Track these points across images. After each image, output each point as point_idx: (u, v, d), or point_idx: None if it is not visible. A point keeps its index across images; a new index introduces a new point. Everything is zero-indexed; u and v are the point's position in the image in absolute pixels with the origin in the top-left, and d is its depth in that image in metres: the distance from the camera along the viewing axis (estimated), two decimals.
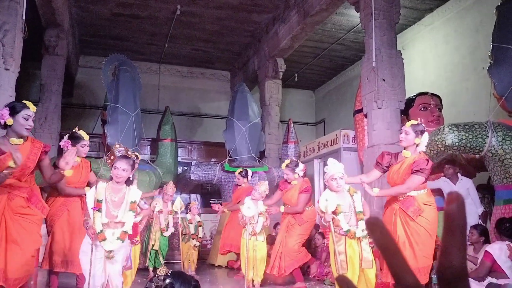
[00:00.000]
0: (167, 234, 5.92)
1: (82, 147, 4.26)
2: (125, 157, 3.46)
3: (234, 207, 6.44)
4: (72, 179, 4.19)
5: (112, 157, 3.46)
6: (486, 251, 4.13)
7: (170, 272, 1.56)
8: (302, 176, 5.14)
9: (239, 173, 6.61)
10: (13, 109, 3.15)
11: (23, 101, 3.25)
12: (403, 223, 3.82)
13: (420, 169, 3.74)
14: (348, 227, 3.60)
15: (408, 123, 3.94)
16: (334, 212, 3.60)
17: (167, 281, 1.53)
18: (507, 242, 4.11)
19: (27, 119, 3.19)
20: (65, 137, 4.17)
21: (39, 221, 3.38)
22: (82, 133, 4.35)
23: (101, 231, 3.24)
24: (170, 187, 6.01)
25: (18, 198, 3.22)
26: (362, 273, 3.64)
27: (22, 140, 3.22)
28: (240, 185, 6.63)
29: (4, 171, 3.03)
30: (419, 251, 3.75)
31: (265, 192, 5.16)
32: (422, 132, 3.91)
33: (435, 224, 3.88)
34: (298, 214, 5.03)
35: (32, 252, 3.27)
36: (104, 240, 3.24)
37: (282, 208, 5.20)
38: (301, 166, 5.13)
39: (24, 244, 3.19)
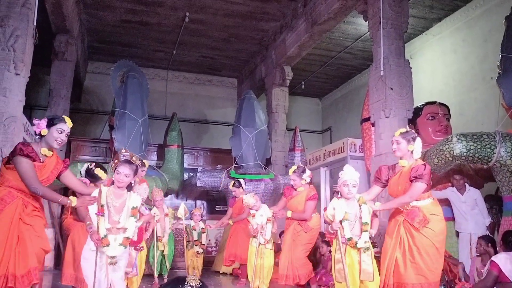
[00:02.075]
0: (164, 239, 5.88)
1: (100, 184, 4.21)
2: (128, 162, 3.44)
3: (239, 218, 6.41)
4: None
5: (116, 161, 3.46)
6: (492, 261, 4.09)
7: (201, 283, 1.47)
8: (308, 183, 5.12)
9: (232, 185, 6.60)
10: (50, 121, 3.28)
11: (63, 116, 3.37)
12: (407, 236, 3.67)
13: (419, 175, 3.60)
14: (350, 235, 3.55)
15: (397, 132, 3.82)
16: (341, 221, 3.57)
17: None
18: None
19: (60, 133, 3.28)
20: (82, 171, 4.16)
21: (44, 225, 3.43)
22: (99, 172, 4.10)
23: (105, 236, 3.24)
24: (157, 192, 5.97)
25: (31, 205, 3.29)
26: (362, 285, 3.58)
27: (51, 152, 3.33)
28: (238, 197, 6.58)
29: (67, 200, 3.25)
30: (425, 265, 3.59)
31: (256, 201, 5.12)
32: (414, 138, 3.78)
33: (442, 236, 3.69)
34: (304, 222, 5.00)
35: (39, 251, 3.29)
36: (108, 245, 3.24)
37: (289, 213, 5.15)
38: (308, 172, 5.13)
39: (36, 245, 3.25)
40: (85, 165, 4.23)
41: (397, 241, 3.72)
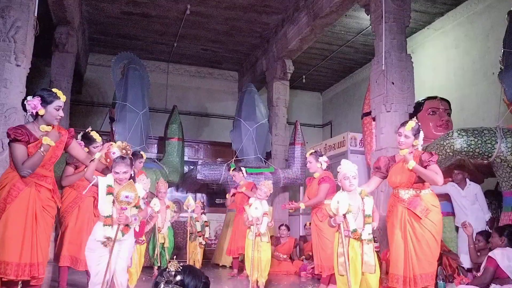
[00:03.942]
0: (164, 231, 5.92)
1: (94, 148, 4.24)
2: (121, 158, 3.41)
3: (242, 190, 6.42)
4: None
5: (108, 160, 3.44)
6: (488, 257, 4.10)
7: (181, 267, 1.55)
8: (324, 170, 5.08)
9: (233, 170, 6.56)
10: (45, 100, 3.21)
11: (54, 90, 3.30)
12: (408, 228, 3.73)
13: (431, 159, 3.70)
14: (355, 226, 3.56)
15: (408, 126, 3.85)
16: (344, 214, 3.56)
17: (178, 277, 1.52)
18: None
19: (58, 110, 3.25)
20: (79, 136, 4.21)
21: (55, 216, 3.42)
22: (94, 134, 4.35)
23: (109, 216, 3.25)
24: (162, 184, 6.01)
25: (45, 189, 3.24)
26: (363, 277, 3.59)
27: (50, 127, 3.26)
28: (238, 182, 6.54)
29: (41, 148, 3.11)
30: (424, 256, 3.67)
31: (270, 191, 5.13)
32: (418, 131, 3.88)
33: (440, 226, 3.79)
34: (319, 210, 4.88)
35: (47, 247, 3.30)
36: (109, 225, 3.24)
37: (302, 205, 5.10)
38: (325, 157, 5.13)
39: (44, 239, 3.24)
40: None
41: (406, 233, 3.75)
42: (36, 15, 5.09)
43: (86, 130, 4.42)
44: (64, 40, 7.92)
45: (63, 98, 3.30)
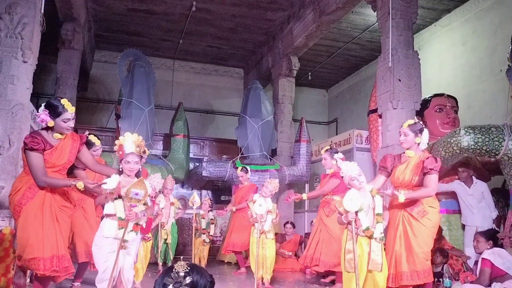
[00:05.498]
0: (167, 227, 5.94)
1: (94, 151, 4.35)
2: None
3: (241, 205, 6.41)
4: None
5: (121, 152, 3.44)
6: (482, 259, 4.11)
7: (189, 268, 1.50)
8: (339, 167, 5.08)
9: (241, 170, 6.61)
10: (53, 113, 3.20)
11: (62, 101, 3.24)
12: (405, 225, 3.78)
13: (434, 167, 3.72)
14: (367, 224, 3.54)
15: (405, 124, 3.90)
16: (356, 212, 3.54)
17: (188, 279, 1.46)
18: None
19: (66, 122, 3.25)
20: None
21: (69, 220, 3.48)
22: (93, 138, 4.43)
23: (123, 218, 3.25)
24: (169, 181, 6.08)
25: (59, 193, 3.29)
26: (370, 275, 3.58)
27: (63, 135, 3.29)
28: (243, 184, 6.63)
29: (73, 182, 3.17)
30: (422, 253, 3.72)
31: (275, 189, 5.13)
32: (421, 130, 3.88)
33: (436, 227, 3.88)
34: (327, 205, 4.90)
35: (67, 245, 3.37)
36: (123, 227, 3.24)
37: (304, 196, 5.15)
38: (340, 154, 5.11)
39: (66, 238, 3.32)
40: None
41: (396, 231, 3.81)
42: (42, 11, 5.11)
43: (84, 134, 4.46)
44: (70, 37, 7.94)
45: (71, 110, 3.25)
